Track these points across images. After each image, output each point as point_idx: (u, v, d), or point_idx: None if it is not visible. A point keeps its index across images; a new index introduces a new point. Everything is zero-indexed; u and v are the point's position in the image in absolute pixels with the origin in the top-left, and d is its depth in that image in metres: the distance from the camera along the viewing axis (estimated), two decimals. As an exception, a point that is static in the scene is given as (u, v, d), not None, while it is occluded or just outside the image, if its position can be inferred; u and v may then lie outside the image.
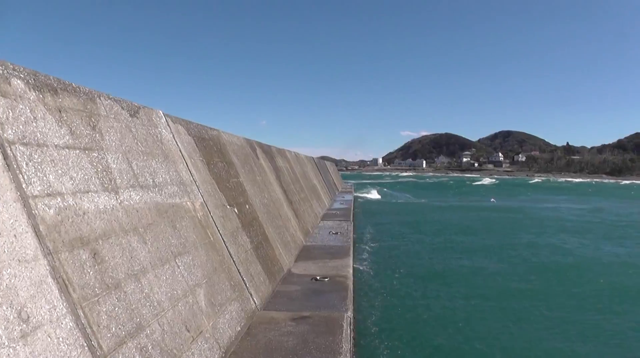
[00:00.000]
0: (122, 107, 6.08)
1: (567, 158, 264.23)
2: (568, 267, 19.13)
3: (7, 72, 4.04)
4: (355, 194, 53.42)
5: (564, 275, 17.81)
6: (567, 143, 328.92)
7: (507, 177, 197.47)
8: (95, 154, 4.92)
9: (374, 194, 66.04)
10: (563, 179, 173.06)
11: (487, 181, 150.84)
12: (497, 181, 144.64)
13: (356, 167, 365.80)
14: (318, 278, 10.01)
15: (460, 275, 17.41)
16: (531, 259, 20.62)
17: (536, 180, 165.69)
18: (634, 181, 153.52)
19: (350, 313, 7.97)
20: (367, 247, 22.37)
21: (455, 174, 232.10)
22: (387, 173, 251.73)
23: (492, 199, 53.13)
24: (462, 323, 12.07)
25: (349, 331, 7.19)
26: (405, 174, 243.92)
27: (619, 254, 22.01)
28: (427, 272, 17.88)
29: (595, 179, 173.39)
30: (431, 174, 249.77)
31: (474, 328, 11.74)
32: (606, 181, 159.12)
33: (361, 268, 17.64)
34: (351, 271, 11.21)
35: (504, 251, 22.46)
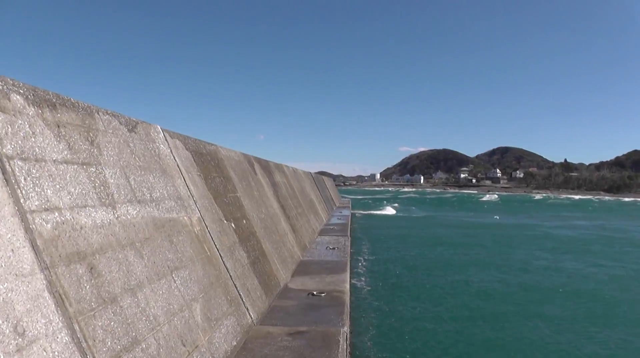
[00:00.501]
0: (120, 122, 6.11)
1: (565, 175, 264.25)
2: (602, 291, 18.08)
3: (7, 87, 4.09)
4: (368, 212, 53.24)
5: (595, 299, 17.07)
6: (565, 160, 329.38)
7: (509, 193, 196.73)
8: (93, 169, 4.94)
9: (389, 211, 66.10)
10: (564, 196, 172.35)
11: (492, 197, 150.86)
12: (499, 198, 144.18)
13: (354, 182, 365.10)
14: (315, 293, 10.00)
15: (466, 294, 17.10)
16: (541, 281, 19.89)
17: (538, 197, 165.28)
18: (636, 199, 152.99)
19: (346, 328, 7.97)
20: (367, 262, 22.35)
21: (453, 191, 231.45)
22: (390, 189, 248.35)
23: (496, 217, 52.99)
24: (460, 343, 12.00)
25: (345, 346, 7.19)
26: (405, 189, 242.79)
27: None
28: (427, 289, 17.83)
29: (596, 197, 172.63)
30: (430, 189, 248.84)
31: (474, 348, 11.67)
32: (607, 198, 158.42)
33: (358, 284, 17.61)
34: (348, 286, 11.20)
35: (515, 270, 21.73)
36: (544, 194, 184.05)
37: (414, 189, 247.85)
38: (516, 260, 24.45)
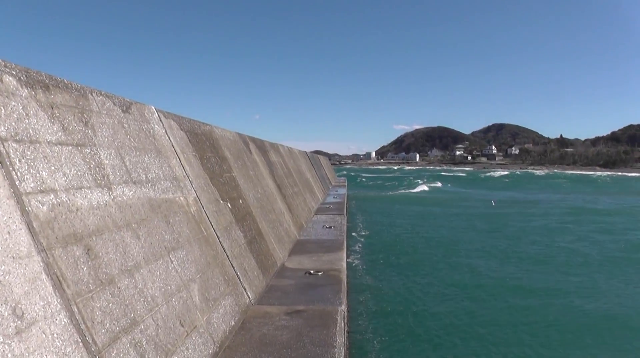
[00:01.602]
0: (114, 103, 6.07)
1: (561, 151, 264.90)
2: None
3: (-1, 69, 4.06)
4: (396, 192, 52.62)
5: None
6: (561, 135, 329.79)
7: (517, 171, 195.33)
8: (88, 151, 4.94)
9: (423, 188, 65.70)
10: (570, 172, 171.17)
11: (501, 173, 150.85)
12: (509, 173, 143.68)
13: (349, 161, 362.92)
14: (312, 272, 10.05)
15: (470, 272, 17.09)
16: (540, 251, 20.01)
17: (540, 173, 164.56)
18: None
19: (344, 307, 8.02)
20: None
21: (447, 167, 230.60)
22: (395, 168, 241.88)
23: (493, 202, 49.21)
24: (456, 319, 12.13)
25: (342, 324, 7.24)
26: (409, 168, 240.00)
27: None
28: (426, 266, 17.97)
29: (597, 172, 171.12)
30: (431, 167, 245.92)
31: (470, 325, 11.77)
32: (606, 174, 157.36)
33: (354, 261, 17.71)
34: (345, 265, 11.24)
35: (538, 251, 20.87)
36: (546, 171, 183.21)
37: (420, 167, 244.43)
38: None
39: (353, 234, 23.97)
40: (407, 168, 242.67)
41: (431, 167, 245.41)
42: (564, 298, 13.89)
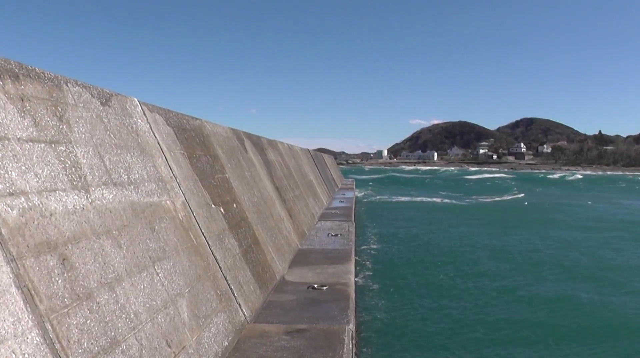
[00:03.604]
0: (92, 95, 6.09)
1: (599, 149, 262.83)
2: None
3: (-37, 56, 4.07)
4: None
5: None
6: (600, 131, 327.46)
7: (537, 171, 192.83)
8: (63, 148, 4.95)
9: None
10: (620, 172, 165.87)
11: (575, 176, 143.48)
12: (582, 177, 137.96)
13: (358, 160, 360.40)
14: (315, 286, 10.09)
15: (497, 289, 16.82)
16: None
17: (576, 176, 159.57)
18: None
19: (352, 326, 8.03)
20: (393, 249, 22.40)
21: (474, 169, 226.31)
22: (422, 168, 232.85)
23: None
24: (478, 342, 12.04)
25: (350, 346, 7.27)
26: (425, 168, 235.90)
27: None
28: (443, 280, 17.93)
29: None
30: (445, 168, 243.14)
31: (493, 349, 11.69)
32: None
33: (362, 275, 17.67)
34: (353, 278, 11.29)
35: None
36: (600, 172, 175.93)
37: (437, 168, 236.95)
38: None
39: (362, 244, 23.97)
40: (423, 168, 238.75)
41: (451, 168, 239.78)
42: None
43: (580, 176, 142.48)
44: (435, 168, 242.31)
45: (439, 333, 12.55)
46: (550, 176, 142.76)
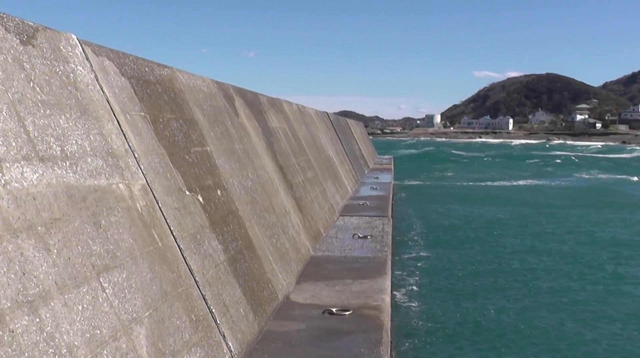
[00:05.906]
0: (7, 29, 5.60)
1: None
2: None
3: None
4: None
5: None
6: None
7: None
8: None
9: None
10: None
11: None
12: None
13: (398, 129, 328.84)
14: (334, 310, 9.63)
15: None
16: None
17: None
18: None
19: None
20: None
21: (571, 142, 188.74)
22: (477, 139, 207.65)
23: None
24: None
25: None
26: (494, 141, 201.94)
27: None
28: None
29: None
30: (529, 140, 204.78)
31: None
32: None
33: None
34: (388, 299, 10.77)
35: None
36: None
37: (513, 141, 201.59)
38: None
39: (403, 249, 23.24)
40: (493, 141, 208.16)
41: (534, 141, 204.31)
42: None
43: None
44: (510, 141, 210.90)
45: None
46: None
